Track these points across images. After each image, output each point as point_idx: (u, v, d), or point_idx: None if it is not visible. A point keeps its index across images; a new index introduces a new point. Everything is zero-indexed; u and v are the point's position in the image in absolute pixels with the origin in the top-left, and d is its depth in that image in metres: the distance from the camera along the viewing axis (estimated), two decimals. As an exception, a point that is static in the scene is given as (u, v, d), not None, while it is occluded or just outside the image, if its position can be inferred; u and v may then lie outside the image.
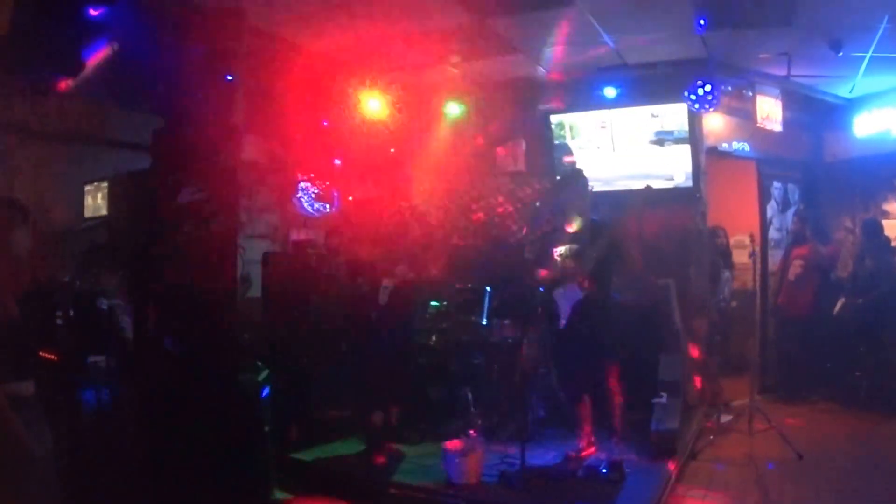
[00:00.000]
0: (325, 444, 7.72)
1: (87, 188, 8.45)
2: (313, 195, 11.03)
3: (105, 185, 8.21)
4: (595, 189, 8.90)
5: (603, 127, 10.15)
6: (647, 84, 9.94)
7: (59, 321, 6.63)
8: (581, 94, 10.33)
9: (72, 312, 6.67)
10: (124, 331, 6.70)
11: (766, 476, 7.10)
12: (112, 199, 8.04)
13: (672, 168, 9.78)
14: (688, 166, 9.71)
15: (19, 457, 4.41)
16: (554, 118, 10.45)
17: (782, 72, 10.26)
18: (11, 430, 4.38)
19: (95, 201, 8.35)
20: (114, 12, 7.07)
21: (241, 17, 6.67)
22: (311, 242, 10.24)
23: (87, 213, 8.41)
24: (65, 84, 7.60)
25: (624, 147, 10.06)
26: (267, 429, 6.91)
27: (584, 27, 8.58)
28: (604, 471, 6.70)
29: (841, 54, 9.05)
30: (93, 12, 7.10)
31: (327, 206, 11.18)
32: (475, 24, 8.59)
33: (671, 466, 7.02)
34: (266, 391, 7.45)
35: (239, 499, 6.01)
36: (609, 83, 10.04)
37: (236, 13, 6.59)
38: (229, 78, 6.39)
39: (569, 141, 10.42)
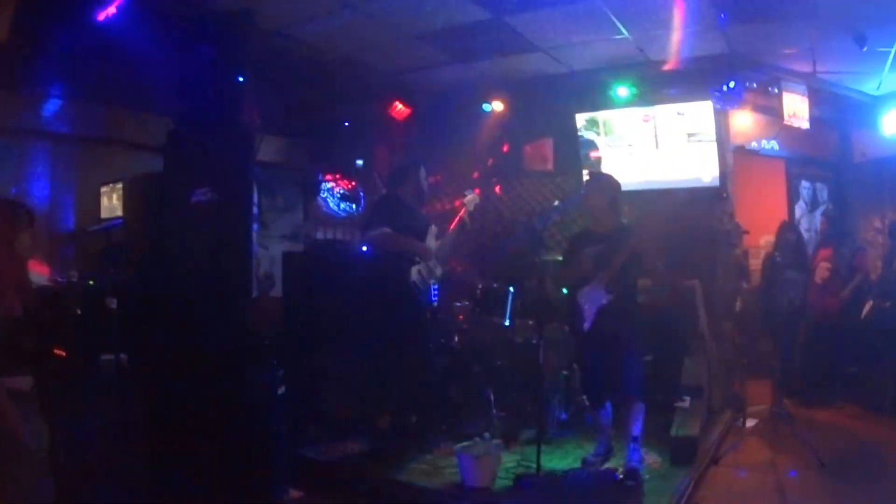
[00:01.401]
0: (341, 443, 7.66)
1: (103, 189, 8.50)
2: (338, 195, 11.04)
3: (120, 186, 8.25)
4: (629, 188, 8.83)
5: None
6: (671, 81, 9.84)
7: (70, 319, 6.70)
8: (605, 91, 10.20)
9: (79, 311, 6.72)
10: (136, 329, 6.72)
11: (787, 484, 6.95)
12: (127, 199, 8.07)
13: (698, 167, 9.67)
14: (714, 165, 9.60)
15: (13, 449, 4.46)
16: (587, 115, 10.38)
17: (807, 68, 10.14)
18: (7, 422, 4.43)
19: (111, 202, 8.40)
20: (125, 15, 7.10)
21: (251, 19, 6.64)
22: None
23: (104, 214, 8.46)
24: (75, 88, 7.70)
25: (659, 145, 9.96)
26: (281, 427, 6.90)
27: (603, 23, 8.52)
28: (620, 476, 6.61)
29: (866, 49, 8.91)
30: (104, 16, 7.16)
31: (353, 206, 11.19)
32: (493, 22, 8.54)
33: (691, 472, 6.88)
34: (282, 389, 7.44)
35: (251, 497, 5.99)
36: (631, 80, 9.96)
37: (247, 14, 6.56)
38: (241, 79, 6.35)
39: (602, 137, 10.34)
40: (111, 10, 7.08)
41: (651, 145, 9.92)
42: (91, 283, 7.37)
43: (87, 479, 5.59)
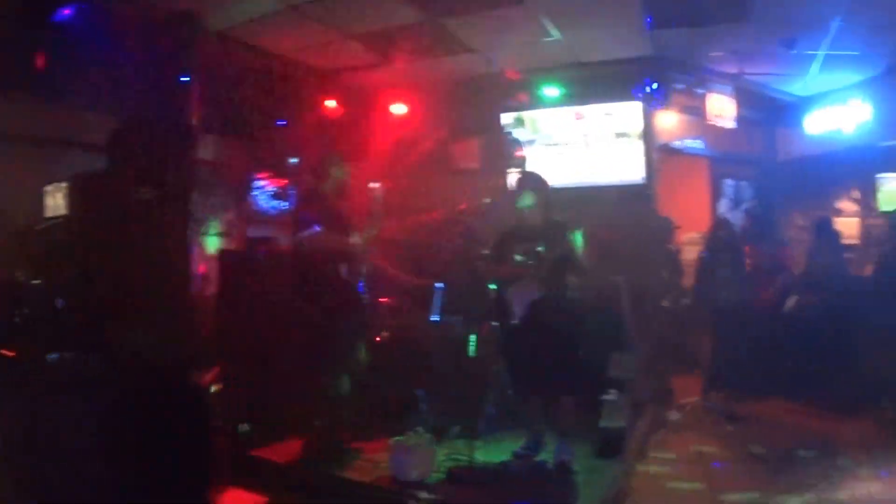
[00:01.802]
0: (277, 441, 7.70)
1: (48, 188, 8.47)
2: (270, 193, 11.07)
3: (64, 185, 8.23)
4: (557, 187, 8.99)
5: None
6: (599, 82, 10.01)
7: (17, 319, 6.69)
8: (533, 91, 10.35)
9: (26, 310, 6.72)
10: (82, 327, 6.72)
11: (715, 474, 7.12)
12: (71, 199, 8.06)
13: (626, 166, 9.84)
14: (640, 163, 9.78)
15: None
16: (513, 114, 10.50)
17: (735, 69, 10.38)
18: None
19: (56, 201, 8.37)
20: (69, 14, 7.09)
21: (195, 19, 6.67)
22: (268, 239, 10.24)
23: (48, 213, 8.42)
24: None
25: (589, 144, 10.08)
26: (218, 426, 6.93)
27: (535, 25, 8.67)
28: (551, 469, 6.75)
29: (794, 52, 9.14)
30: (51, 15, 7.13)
31: (284, 203, 11.21)
32: (428, 23, 8.66)
33: (619, 464, 7.06)
34: (219, 387, 7.47)
35: (187, 495, 6.02)
36: (561, 81, 10.11)
37: (190, 14, 6.60)
38: (184, 79, 6.40)
39: (530, 135, 10.46)
40: (63, 11, 7.06)
41: (581, 145, 10.08)
42: (37, 282, 7.36)
43: (37, 478, 5.60)
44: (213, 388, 7.54)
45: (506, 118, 10.53)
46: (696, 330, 10.28)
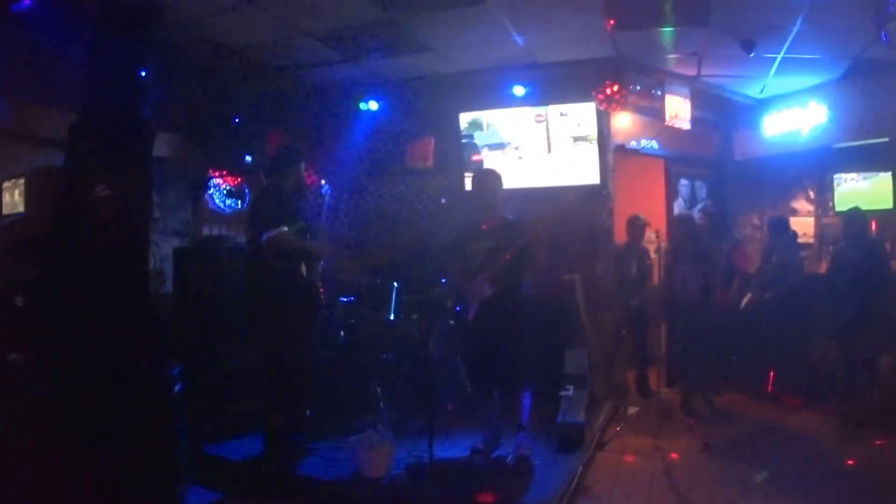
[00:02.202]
0: (240, 439, 7.70)
1: (5, 185, 8.38)
2: (224, 192, 11.03)
3: (22, 181, 8.15)
4: (515, 187, 9.06)
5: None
6: (556, 83, 10.05)
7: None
8: (491, 92, 10.36)
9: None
10: (40, 326, 6.66)
11: (673, 466, 7.23)
12: (29, 195, 7.98)
13: (585, 168, 9.86)
14: (595, 164, 9.81)
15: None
16: (470, 115, 10.50)
17: (692, 71, 10.48)
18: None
19: (13, 198, 8.29)
20: (28, 6, 7.03)
21: (156, 12, 6.62)
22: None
23: (6, 210, 8.34)
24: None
25: (552, 148, 10.10)
26: (180, 424, 6.91)
27: (494, 26, 8.66)
28: (511, 463, 6.81)
29: (752, 55, 9.22)
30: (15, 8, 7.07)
31: (238, 202, 11.17)
32: (388, 21, 8.64)
33: (578, 458, 7.13)
34: (179, 386, 7.45)
35: (154, 495, 6.00)
36: (519, 82, 10.12)
37: (151, 8, 6.55)
38: (143, 74, 6.35)
39: (487, 139, 10.46)
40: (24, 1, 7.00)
41: (543, 149, 10.08)
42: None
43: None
44: (174, 387, 7.51)
45: (463, 119, 10.48)
46: (657, 326, 10.38)
